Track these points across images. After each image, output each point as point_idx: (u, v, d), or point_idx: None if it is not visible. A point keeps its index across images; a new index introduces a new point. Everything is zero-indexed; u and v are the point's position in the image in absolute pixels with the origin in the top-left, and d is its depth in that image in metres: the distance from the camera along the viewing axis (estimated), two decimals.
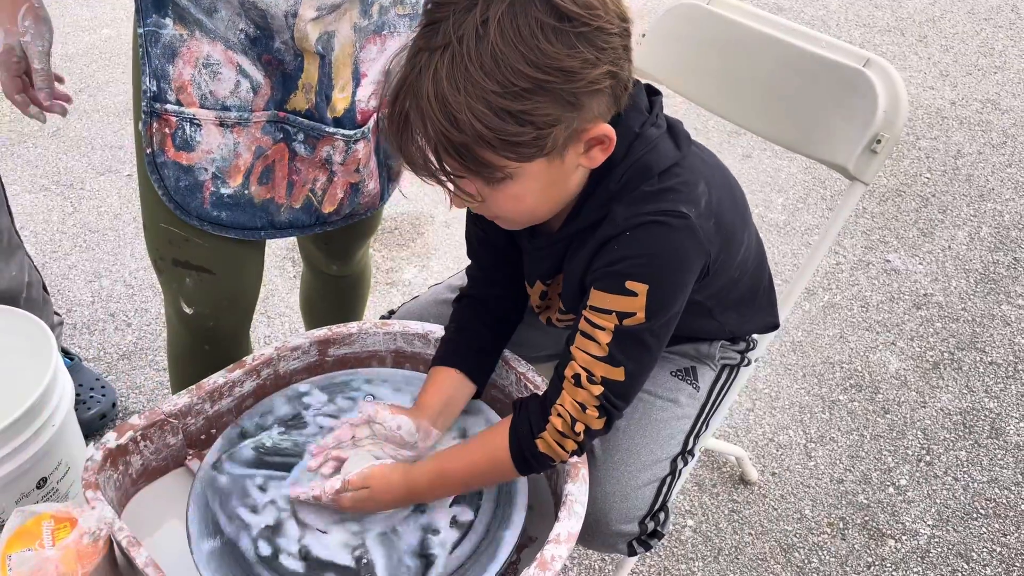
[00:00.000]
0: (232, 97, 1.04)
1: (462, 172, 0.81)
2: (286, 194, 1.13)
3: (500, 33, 0.73)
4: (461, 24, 0.75)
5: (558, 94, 0.76)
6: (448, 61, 0.75)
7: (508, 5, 0.74)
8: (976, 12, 3.46)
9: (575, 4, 0.75)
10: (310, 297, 1.56)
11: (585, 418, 0.88)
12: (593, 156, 0.84)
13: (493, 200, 0.85)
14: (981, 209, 2.42)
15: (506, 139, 0.76)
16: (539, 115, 0.76)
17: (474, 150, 0.77)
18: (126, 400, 1.79)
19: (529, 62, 0.74)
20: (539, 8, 0.74)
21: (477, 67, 0.74)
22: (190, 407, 1.04)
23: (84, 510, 0.90)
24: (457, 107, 0.75)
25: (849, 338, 1.99)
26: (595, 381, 0.87)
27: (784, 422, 1.78)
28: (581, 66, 0.76)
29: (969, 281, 2.16)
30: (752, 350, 1.16)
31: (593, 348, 0.87)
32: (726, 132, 2.69)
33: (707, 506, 1.61)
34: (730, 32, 1.24)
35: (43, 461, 1.23)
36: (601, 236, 0.88)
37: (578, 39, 0.75)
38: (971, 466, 1.70)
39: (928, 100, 2.92)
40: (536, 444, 0.90)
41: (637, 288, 0.84)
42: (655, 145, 0.87)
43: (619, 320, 0.85)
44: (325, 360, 1.14)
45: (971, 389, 1.86)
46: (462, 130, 0.76)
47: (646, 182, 0.86)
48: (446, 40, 0.75)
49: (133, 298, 2.04)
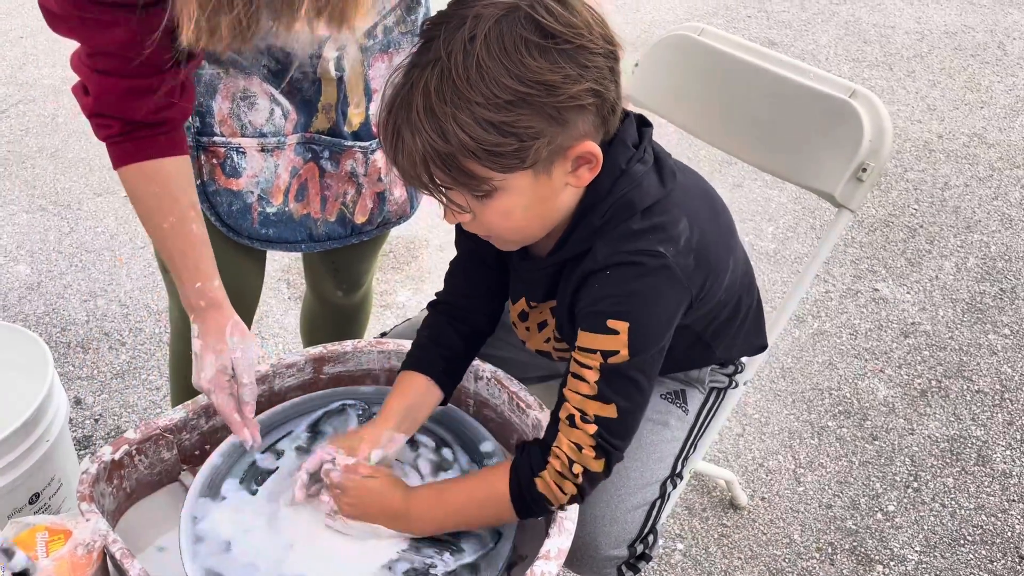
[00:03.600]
0: (268, 124, 1.12)
1: (450, 184, 0.83)
2: (321, 208, 1.21)
3: (486, 48, 0.77)
4: (451, 40, 0.78)
5: (540, 107, 0.79)
6: (437, 75, 0.78)
7: (495, 23, 0.78)
8: (963, 48, 3.54)
9: (558, 23, 0.78)
10: (312, 323, 1.58)
11: (582, 459, 0.89)
12: (580, 175, 0.86)
13: (483, 215, 0.87)
14: (968, 240, 2.45)
15: (488, 149, 0.79)
16: (521, 127, 0.79)
17: (459, 160, 0.80)
18: (119, 419, 1.80)
19: (512, 75, 0.77)
20: (524, 26, 0.78)
21: (463, 80, 0.77)
22: (185, 422, 1.05)
23: (79, 522, 0.91)
24: (443, 118, 0.78)
25: (838, 365, 2.01)
26: (588, 420, 0.88)
27: (773, 447, 1.80)
28: (562, 80, 0.78)
29: (956, 311, 2.19)
30: (740, 373, 1.17)
31: (583, 388, 0.89)
32: (717, 161, 2.72)
33: (697, 530, 1.62)
34: (720, 63, 1.27)
35: (36, 476, 1.23)
36: (583, 271, 0.90)
37: (560, 55, 0.78)
38: (958, 493, 1.71)
39: (916, 133, 2.97)
40: (535, 483, 0.90)
41: (618, 326, 0.86)
42: (640, 182, 0.89)
43: (604, 359, 0.87)
44: (320, 378, 1.15)
45: (958, 417, 1.88)
46: (448, 140, 0.79)
47: (629, 219, 0.88)
48: (436, 55, 0.79)
49: (128, 318, 2.05)
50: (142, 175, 0.98)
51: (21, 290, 2.12)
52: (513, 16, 0.78)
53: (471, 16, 0.78)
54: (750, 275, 1.09)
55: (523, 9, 0.78)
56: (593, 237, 0.89)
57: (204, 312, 1.01)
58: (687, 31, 1.31)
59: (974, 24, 3.73)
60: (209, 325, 1.01)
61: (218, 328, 1.00)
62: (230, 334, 1.00)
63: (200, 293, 1.01)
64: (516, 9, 0.78)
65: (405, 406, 1.02)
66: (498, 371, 1.12)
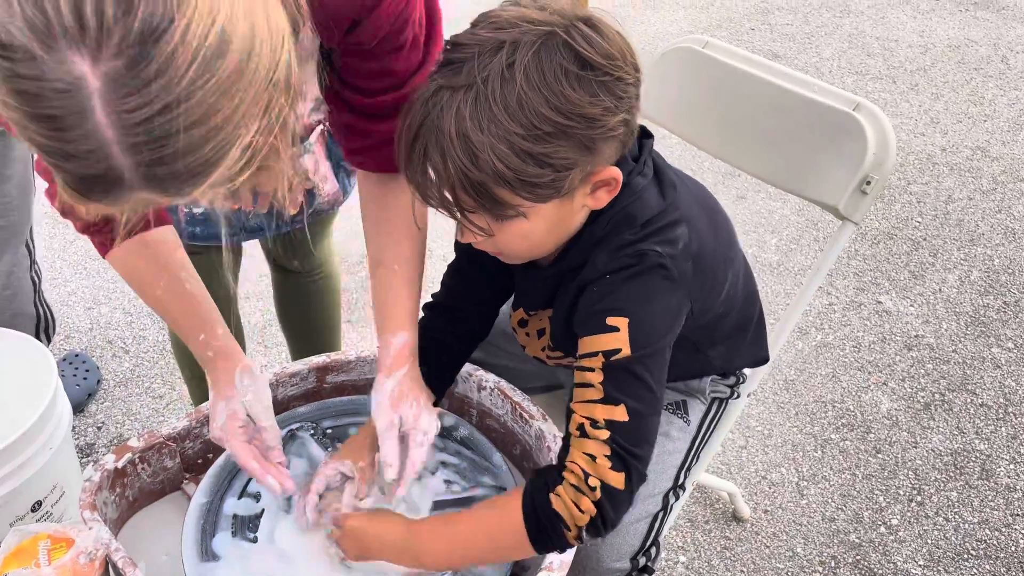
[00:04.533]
0: None
1: (474, 208, 0.83)
2: (252, 203, 1.19)
3: (526, 77, 0.76)
4: (486, 66, 0.77)
5: (577, 139, 0.79)
6: (472, 101, 0.77)
7: (534, 51, 0.76)
8: (966, 62, 3.54)
9: (598, 54, 0.78)
10: (282, 302, 1.62)
11: (598, 470, 0.83)
12: (598, 197, 0.87)
13: (501, 236, 0.87)
14: (971, 253, 2.45)
15: (525, 180, 0.79)
16: (558, 158, 0.79)
17: (491, 188, 0.80)
18: (121, 427, 1.79)
19: (553, 107, 0.77)
20: (564, 56, 0.77)
21: (501, 108, 0.76)
22: (188, 431, 1.05)
23: (81, 530, 0.91)
24: (480, 146, 0.77)
25: (841, 378, 2.01)
26: (599, 426, 0.84)
27: (776, 460, 1.79)
28: (602, 113, 0.79)
29: (960, 324, 2.18)
30: (742, 384, 1.17)
31: (589, 393, 0.86)
32: (721, 173, 2.73)
33: (699, 542, 1.61)
34: (725, 75, 1.28)
35: (38, 484, 1.23)
36: (581, 280, 0.90)
37: (599, 87, 0.78)
38: (962, 507, 1.70)
39: (919, 146, 2.97)
40: (550, 500, 0.84)
41: (618, 323, 0.85)
42: (640, 195, 0.89)
43: (606, 358, 0.85)
44: (323, 387, 1.15)
45: (962, 430, 1.88)
46: (481, 169, 0.78)
47: (628, 231, 0.89)
48: (470, 80, 0.77)
49: (131, 325, 2.05)
50: (127, 254, 0.96)
51: None
52: (551, 43, 0.77)
53: (508, 41, 0.77)
54: (752, 287, 1.09)
55: (560, 36, 0.77)
56: (592, 248, 0.90)
57: (213, 361, 0.99)
58: (692, 43, 1.32)
59: (977, 38, 3.74)
60: (219, 373, 0.98)
61: (227, 375, 0.97)
62: (239, 379, 0.97)
63: (206, 344, 0.98)
64: (553, 36, 0.77)
65: None
66: (501, 381, 1.12)
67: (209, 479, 1.02)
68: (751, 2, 4.05)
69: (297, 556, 0.95)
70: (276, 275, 1.56)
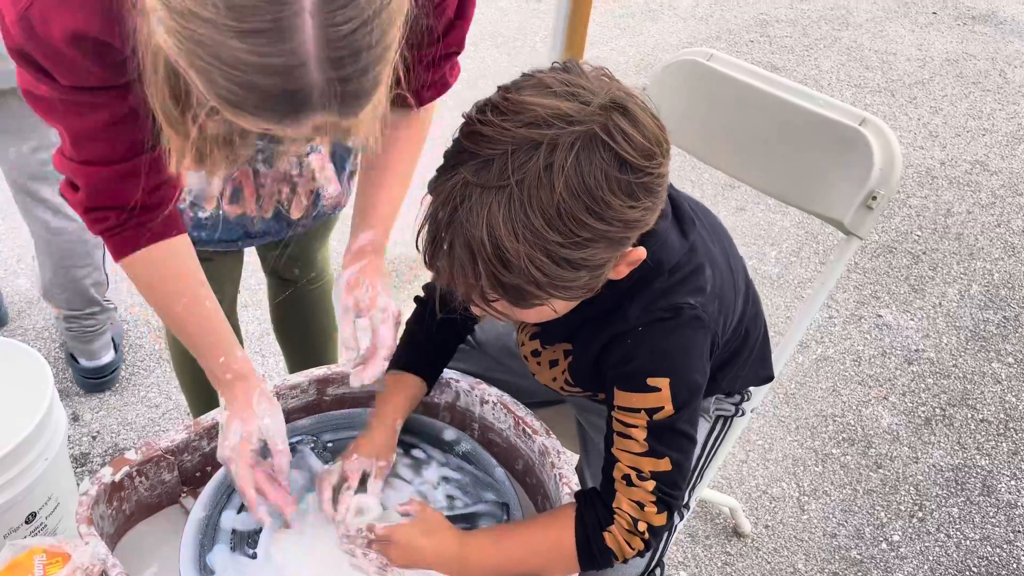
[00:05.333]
0: None
1: (498, 298, 0.80)
2: (256, 207, 1.21)
3: (565, 183, 0.72)
4: (522, 166, 0.72)
5: (615, 241, 0.77)
6: (505, 204, 0.72)
7: (574, 156, 0.72)
8: (964, 76, 3.55)
9: (636, 153, 0.74)
10: (280, 311, 1.60)
11: (645, 516, 0.89)
12: (619, 271, 0.84)
13: (520, 315, 0.85)
14: (971, 267, 2.45)
15: (560, 284, 0.77)
16: (594, 260, 0.77)
17: (523, 288, 0.77)
18: (116, 436, 1.78)
19: (593, 213, 0.73)
20: (604, 159, 0.73)
21: (539, 215, 0.72)
22: (187, 443, 1.03)
23: (77, 545, 0.89)
24: (515, 254, 0.73)
25: (842, 392, 2.00)
26: (645, 477, 0.88)
27: (777, 474, 1.78)
28: (641, 215, 0.77)
29: (960, 338, 2.18)
30: (746, 401, 1.16)
31: (633, 447, 0.89)
32: (720, 185, 2.73)
33: (700, 558, 1.60)
34: (729, 89, 1.27)
35: (33, 495, 1.21)
36: (613, 330, 0.89)
37: (639, 188, 0.75)
38: (963, 523, 1.69)
39: (918, 160, 2.98)
40: (604, 537, 0.90)
41: (659, 383, 0.87)
42: (664, 240, 0.87)
43: (649, 416, 0.87)
44: (323, 399, 1.14)
45: (963, 446, 1.87)
46: (515, 274, 0.75)
47: (658, 279, 0.87)
48: (503, 181, 0.73)
49: (128, 334, 2.03)
50: (146, 263, 0.95)
51: (20, 304, 2.11)
52: (590, 144, 0.73)
53: (545, 143, 0.72)
54: (757, 307, 1.09)
55: (600, 136, 0.73)
56: (622, 297, 0.88)
57: (231, 384, 0.98)
58: (696, 56, 1.31)
59: (975, 52, 3.75)
60: (236, 394, 0.98)
61: (245, 398, 0.97)
62: (258, 403, 0.97)
63: (225, 367, 0.98)
64: (593, 136, 0.73)
65: (402, 407, 1.05)
66: (504, 396, 1.10)
67: (208, 493, 1.01)
68: (750, 14, 4.06)
69: (296, 573, 0.94)
70: (274, 285, 1.55)
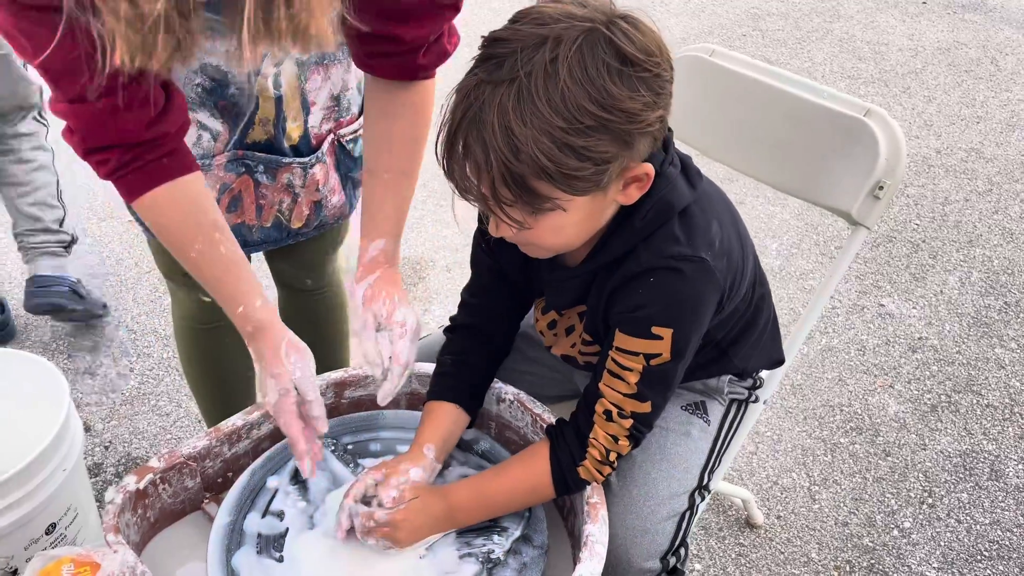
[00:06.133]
0: (195, 148, 1.11)
1: (512, 201, 0.83)
2: (256, 216, 1.21)
3: (569, 72, 0.77)
4: (529, 60, 0.78)
5: (617, 133, 0.80)
6: (515, 95, 0.78)
7: (577, 47, 0.77)
8: (957, 64, 3.57)
9: (638, 50, 0.79)
10: (291, 321, 1.57)
11: (618, 448, 0.96)
12: (629, 193, 0.88)
13: (534, 229, 0.87)
14: (970, 255, 2.47)
15: (566, 172, 0.80)
16: (598, 152, 0.80)
17: (531, 181, 0.80)
18: (128, 446, 1.78)
19: (594, 101, 0.78)
20: (606, 51, 0.78)
21: (544, 102, 0.77)
22: (208, 450, 1.04)
23: (106, 554, 0.90)
24: (523, 139, 0.78)
25: (848, 381, 2.01)
26: (625, 416, 0.95)
27: (787, 465, 1.79)
28: (641, 108, 0.80)
29: (962, 325, 2.20)
30: (760, 388, 1.18)
31: (622, 386, 0.94)
32: (719, 178, 2.72)
33: (714, 550, 1.61)
34: (733, 83, 1.28)
35: (53, 506, 1.21)
36: (625, 272, 0.92)
37: (639, 83, 0.80)
38: (973, 508, 1.71)
39: (914, 149, 2.99)
40: (578, 471, 0.97)
41: (662, 332, 0.90)
42: (674, 184, 0.91)
43: (647, 361, 0.92)
44: (341, 402, 1.15)
45: (969, 432, 1.88)
46: (523, 161, 0.79)
47: (668, 222, 0.91)
48: (512, 75, 0.78)
49: (136, 343, 2.04)
50: (157, 204, 0.94)
51: (28, 317, 2.11)
52: (593, 39, 0.78)
53: (551, 37, 0.78)
54: (765, 286, 1.12)
55: (602, 31, 0.79)
56: (634, 239, 0.92)
57: (254, 336, 0.99)
58: (698, 52, 1.32)
59: (967, 40, 3.77)
60: (262, 349, 0.98)
61: (273, 351, 0.98)
62: (286, 354, 0.98)
63: (245, 318, 0.98)
64: (595, 32, 0.79)
65: (441, 436, 1.03)
66: (521, 393, 1.11)
67: (232, 498, 1.01)
68: (742, 8, 4.07)
69: (327, 574, 0.95)
70: (284, 295, 1.55)
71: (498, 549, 0.97)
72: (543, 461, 0.98)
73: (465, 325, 1.10)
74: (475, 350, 1.09)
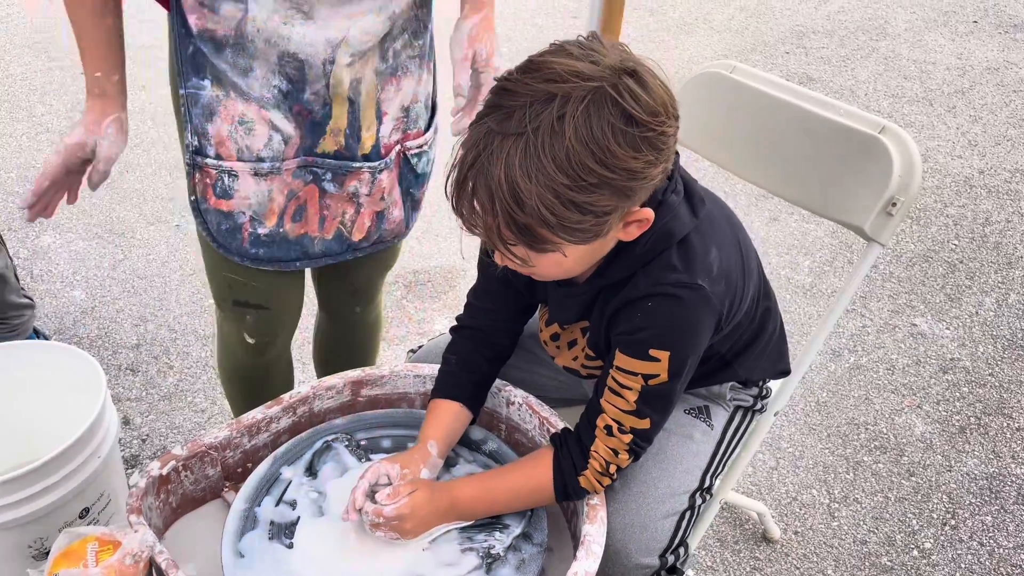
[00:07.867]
0: (265, 150, 1.15)
1: (516, 242, 0.88)
2: (319, 227, 1.24)
3: (575, 131, 0.80)
4: (537, 116, 0.81)
5: (618, 188, 0.84)
6: (521, 149, 0.81)
7: (583, 106, 0.81)
8: (1005, 84, 3.51)
9: (643, 111, 0.82)
10: (324, 347, 1.63)
11: (618, 461, 1.00)
12: (630, 231, 0.92)
13: (537, 264, 0.92)
14: (1009, 276, 2.43)
15: (568, 225, 0.84)
16: (599, 206, 0.84)
17: (534, 229, 0.85)
18: (165, 439, 1.86)
19: (598, 161, 0.81)
20: (611, 112, 0.81)
21: (550, 160, 0.81)
22: (229, 440, 1.09)
23: (127, 533, 0.95)
24: (527, 193, 0.81)
25: (874, 400, 2.00)
26: (625, 431, 0.98)
27: (808, 481, 1.79)
28: (643, 167, 0.84)
29: (996, 347, 2.16)
30: (767, 397, 1.19)
31: (622, 403, 0.98)
32: (753, 195, 2.74)
33: (729, 562, 1.62)
34: (752, 100, 1.30)
35: (87, 491, 1.28)
36: (624, 297, 0.96)
37: (642, 142, 0.83)
38: (997, 531, 1.68)
39: (956, 169, 2.95)
40: (579, 480, 1.00)
41: (659, 355, 0.94)
42: (676, 212, 0.95)
43: (645, 381, 0.96)
44: (357, 400, 1.19)
45: (998, 455, 1.86)
46: (527, 213, 0.83)
47: (667, 250, 0.95)
48: (520, 129, 0.81)
49: (176, 342, 2.12)
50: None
51: (76, 314, 2.21)
52: (600, 99, 0.81)
53: (559, 95, 0.81)
54: (771, 299, 1.14)
55: (609, 92, 0.81)
56: (634, 265, 0.96)
57: (95, 99, 1.10)
58: (719, 68, 1.35)
59: (1017, 60, 3.71)
60: (94, 110, 1.10)
61: (102, 113, 1.10)
62: (107, 125, 1.10)
63: (97, 81, 1.10)
64: (602, 92, 0.81)
65: (444, 433, 1.08)
66: (530, 397, 1.15)
67: (250, 486, 1.06)
68: (786, 26, 4.06)
69: (333, 561, 0.99)
70: (326, 320, 1.57)
71: (499, 545, 1.00)
72: (546, 468, 1.02)
73: (470, 327, 1.15)
74: (479, 351, 1.13)
